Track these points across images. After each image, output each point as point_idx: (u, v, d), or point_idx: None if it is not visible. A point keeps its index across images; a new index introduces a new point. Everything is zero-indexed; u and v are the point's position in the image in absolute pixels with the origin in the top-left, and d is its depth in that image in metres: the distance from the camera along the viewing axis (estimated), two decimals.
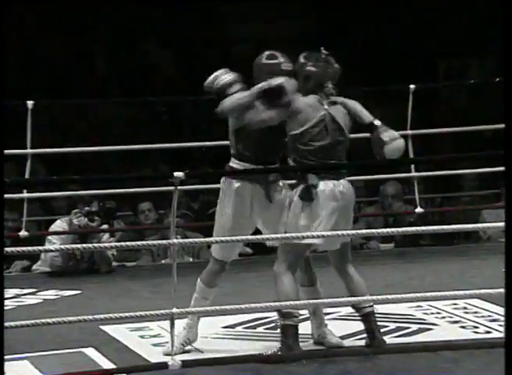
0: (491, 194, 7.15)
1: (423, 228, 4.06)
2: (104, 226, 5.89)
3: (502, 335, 4.08)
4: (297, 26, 9.32)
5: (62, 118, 8.83)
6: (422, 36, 9.28)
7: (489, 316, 4.36)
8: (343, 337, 4.12)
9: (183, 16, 9.39)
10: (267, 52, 4.04)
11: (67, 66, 9.04)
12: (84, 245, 3.84)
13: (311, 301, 3.94)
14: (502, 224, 3.92)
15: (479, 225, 4.10)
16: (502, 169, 5.89)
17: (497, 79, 5.44)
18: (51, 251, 5.54)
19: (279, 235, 3.85)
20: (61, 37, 9.12)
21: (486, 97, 8.85)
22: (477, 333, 4.14)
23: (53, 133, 8.56)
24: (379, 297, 3.91)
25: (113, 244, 4.89)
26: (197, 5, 9.29)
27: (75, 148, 6.51)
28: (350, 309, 4.42)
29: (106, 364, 3.83)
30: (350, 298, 3.93)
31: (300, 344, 4.02)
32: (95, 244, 3.87)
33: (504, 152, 2.61)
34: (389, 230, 4.15)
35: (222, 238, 3.84)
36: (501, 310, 4.41)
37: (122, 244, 3.95)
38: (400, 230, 4.14)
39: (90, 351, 4.00)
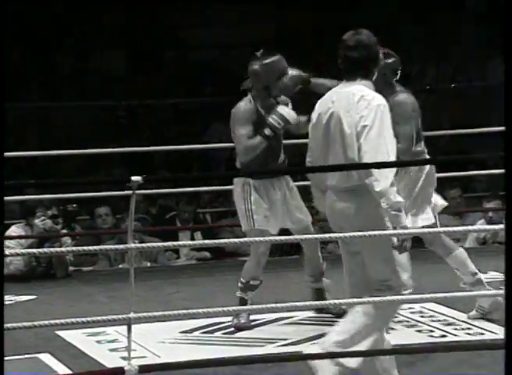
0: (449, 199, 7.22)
1: (378, 232, 4.08)
2: (65, 230, 5.84)
3: (457, 339, 4.13)
4: (259, 31, 9.35)
5: (18, 122, 8.75)
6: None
7: (445, 320, 4.40)
8: (300, 341, 4.14)
9: (141, 19, 9.37)
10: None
11: (24, 69, 8.97)
12: (40, 250, 3.81)
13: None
14: (458, 228, 4.00)
15: (434, 230, 4.12)
16: (452, 174, 5.88)
17: (452, 85, 5.50)
18: (11, 255, 5.48)
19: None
20: (19, 42, 9.04)
21: (442, 102, 8.95)
22: (432, 336, 4.18)
23: (8, 137, 8.47)
24: (336, 301, 3.93)
25: (70, 248, 4.85)
26: (156, 8, 9.28)
27: (31, 152, 6.45)
28: (307, 314, 4.45)
29: (62, 370, 3.80)
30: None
31: (261, 348, 4.05)
32: (51, 249, 3.84)
33: (504, 154, 2.65)
34: (347, 234, 4.17)
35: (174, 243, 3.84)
36: (456, 314, 4.46)
37: (79, 248, 3.92)
38: (358, 234, 4.15)
39: (46, 357, 3.97)
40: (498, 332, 4.17)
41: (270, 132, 4.19)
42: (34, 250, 3.92)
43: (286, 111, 4.24)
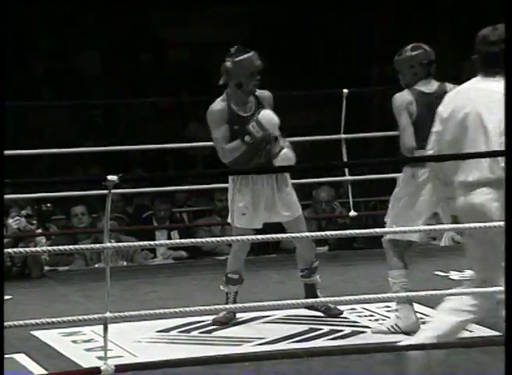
0: None
1: (357, 231, 4.09)
2: (39, 230, 5.80)
3: None
4: (234, 31, 9.34)
5: None
6: (357, 42, 9.39)
7: (420, 318, 4.41)
8: (277, 340, 4.14)
9: (118, 19, 9.33)
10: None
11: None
12: (15, 249, 3.77)
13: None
14: (432, 227, 4.02)
15: (412, 228, 4.13)
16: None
17: None
18: None
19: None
20: None
21: None
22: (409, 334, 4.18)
23: None
24: (313, 300, 3.94)
25: (45, 248, 4.83)
26: (133, 8, 9.25)
27: (5, 152, 6.39)
28: (285, 312, 4.45)
29: (37, 370, 3.78)
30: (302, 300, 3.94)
31: (238, 347, 4.04)
32: (27, 249, 3.81)
33: (506, 154, 2.64)
34: (323, 233, 4.18)
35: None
36: (432, 312, 4.48)
37: (55, 248, 3.90)
38: (334, 232, 4.17)
39: (21, 358, 3.94)
40: (474, 330, 4.19)
41: (249, 139, 4.23)
42: (9, 250, 3.89)
43: (267, 118, 4.24)
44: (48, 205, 6.30)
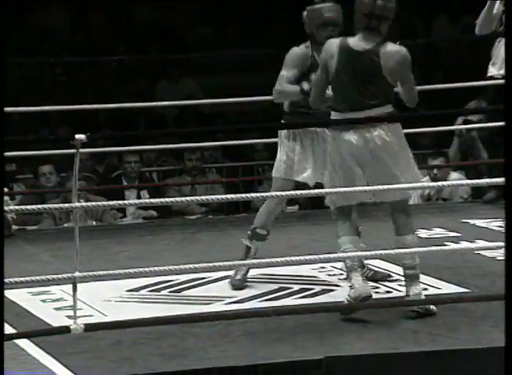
0: None
1: (327, 190, 4.09)
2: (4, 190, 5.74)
3: (401, 294, 4.19)
4: None
5: None
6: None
7: (390, 276, 4.44)
8: (247, 299, 4.15)
9: None
10: None
11: None
12: None
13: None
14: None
15: (379, 187, 4.13)
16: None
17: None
18: None
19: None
20: None
21: None
22: (378, 293, 4.22)
23: None
24: (283, 259, 3.95)
25: (13, 207, 4.78)
26: None
27: None
28: (256, 271, 4.46)
29: (6, 329, 3.76)
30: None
31: (208, 305, 4.05)
32: None
33: (504, 152, 2.61)
34: (293, 192, 4.18)
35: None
36: (401, 270, 4.52)
37: (23, 207, 3.86)
38: (304, 192, 4.17)
39: None
40: (441, 287, 4.24)
41: (308, 88, 4.03)
42: None
43: None
44: (13, 164, 6.22)
